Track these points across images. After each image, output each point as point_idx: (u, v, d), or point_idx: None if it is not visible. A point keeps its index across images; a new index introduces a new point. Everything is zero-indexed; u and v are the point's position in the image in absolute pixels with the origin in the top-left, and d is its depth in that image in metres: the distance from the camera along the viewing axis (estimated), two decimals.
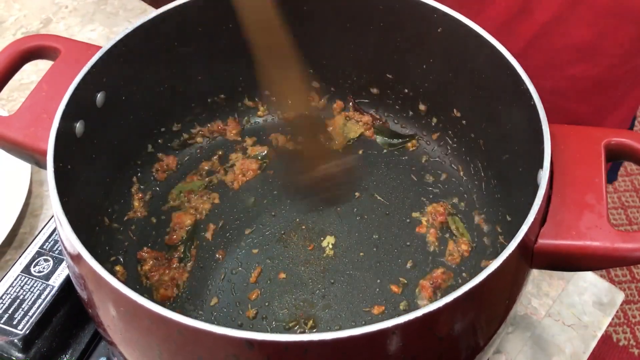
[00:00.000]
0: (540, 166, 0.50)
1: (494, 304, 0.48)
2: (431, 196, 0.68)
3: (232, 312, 0.60)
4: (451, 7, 0.60)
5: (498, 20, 0.76)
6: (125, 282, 0.62)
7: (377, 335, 0.40)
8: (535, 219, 0.46)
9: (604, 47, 0.77)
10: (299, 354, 0.40)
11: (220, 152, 0.72)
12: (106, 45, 0.58)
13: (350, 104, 0.74)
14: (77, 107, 0.55)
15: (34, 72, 0.90)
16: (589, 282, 0.72)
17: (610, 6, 0.72)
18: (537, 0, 0.75)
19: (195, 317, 0.59)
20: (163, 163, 0.70)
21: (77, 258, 0.46)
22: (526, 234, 0.45)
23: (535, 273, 0.72)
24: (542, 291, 0.71)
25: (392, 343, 0.41)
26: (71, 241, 0.46)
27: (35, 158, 0.55)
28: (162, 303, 0.58)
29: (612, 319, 0.71)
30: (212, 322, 0.58)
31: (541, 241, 0.48)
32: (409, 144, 0.72)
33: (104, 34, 0.96)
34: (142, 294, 0.40)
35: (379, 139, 0.72)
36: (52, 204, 0.49)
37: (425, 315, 0.40)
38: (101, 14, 0.99)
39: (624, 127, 0.92)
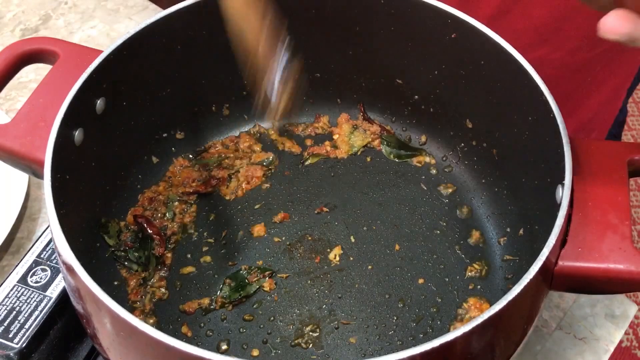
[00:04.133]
0: (559, 181, 0.48)
1: (512, 329, 0.46)
2: (443, 207, 0.66)
3: (235, 327, 0.58)
4: None
5: None
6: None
7: None
8: (556, 240, 0.44)
9: (564, 30, 0.74)
10: None
11: (225, 160, 0.70)
12: (107, 49, 0.56)
13: (360, 114, 0.71)
14: (77, 114, 0.53)
15: (32, 70, 0.88)
16: None
17: None
18: None
19: (198, 331, 0.58)
20: (165, 171, 0.68)
21: (75, 282, 0.44)
22: (547, 257, 0.43)
23: None
24: (552, 303, 0.70)
25: None
26: (69, 260, 0.43)
27: (32, 168, 0.53)
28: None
29: None
30: (213, 337, 0.57)
31: (562, 263, 0.46)
32: (415, 160, 0.70)
33: (104, 31, 0.94)
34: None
35: (385, 150, 0.70)
36: (49, 218, 0.47)
37: (442, 346, 0.38)
38: (101, 10, 0.97)
39: (603, 117, 0.90)
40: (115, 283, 0.61)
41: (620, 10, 0.40)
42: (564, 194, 0.46)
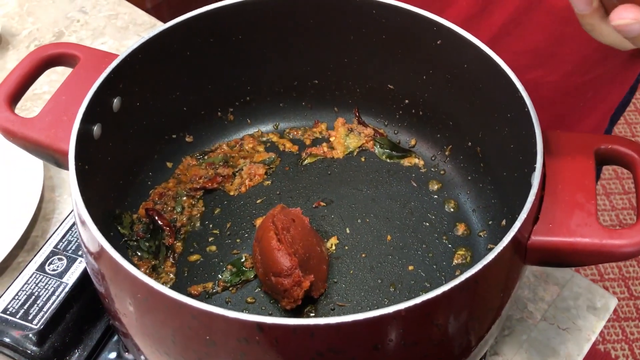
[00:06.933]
0: (534, 169, 0.53)
1: (489, 296, 0.50)
2: (432, 202, 0.71)
3: (238, 309, 0.63)
4: (416, 6, 0.63)
5: (459, 18, 0.78)
6: None
7: (379, 320, 0.43)
8: (527, 216, 0.49)
9: (559, 55, 0.79)
10: (306, 337, 0.43)
11: (230, 159, 0.74)
12: (123, 53, 0.61)
13: (355, 118, 0.77)
14: (95, 110, 0.58)
15: (46, 82, 0.93)
16: (584, 287, 0.74)
17: (567, 14, 0.73)
18: (496, 1, 0.77)
19: None
20: (175, 168, 0.73)
21: (96, 249, 0.49)
22: (519, 230, 0.48)
23: (531, 279, 0.74)
24: (537, 296, 0.73)
25: (393, 328, 0.44)
26: (91, 232, 0.48)
27: (55, 158, 0.58)
28: None
29: (611, 335, 0.72)
30: None
31: (534, 238, 0.50)
32: (405, 160, 0.74)
33: (114, 47, 0.99)
34: None
35: (378, 151, 0.75)
36: (73, 199, 0.51)
37: (423, 303, 0.43)
38: (112, 27, 1.02)
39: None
40: None
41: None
42: (535, 176, 0.51)
